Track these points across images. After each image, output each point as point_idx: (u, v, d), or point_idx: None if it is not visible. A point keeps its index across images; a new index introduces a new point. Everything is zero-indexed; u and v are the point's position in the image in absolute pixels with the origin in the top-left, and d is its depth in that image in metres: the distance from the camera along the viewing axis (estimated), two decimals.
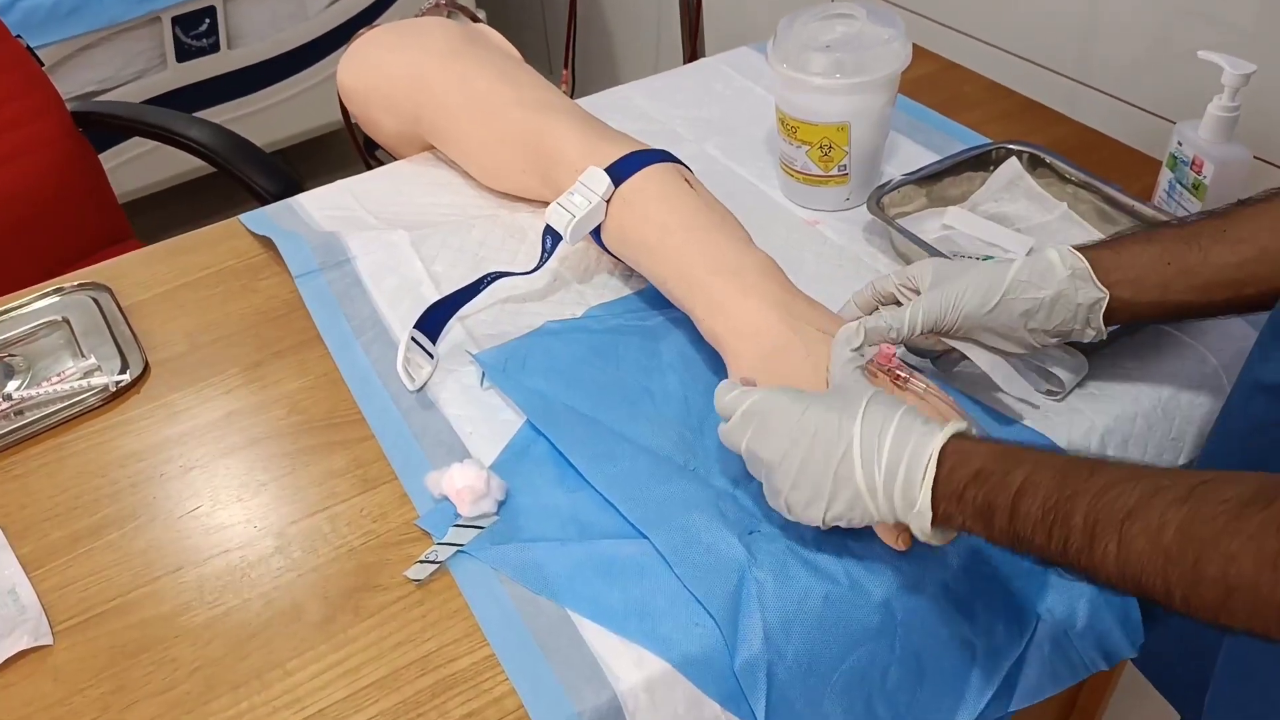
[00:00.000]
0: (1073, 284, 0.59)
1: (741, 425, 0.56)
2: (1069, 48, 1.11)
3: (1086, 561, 0.43)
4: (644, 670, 0.54)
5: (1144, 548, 0.40)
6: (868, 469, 0.51)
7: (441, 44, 0.91)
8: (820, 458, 0.52)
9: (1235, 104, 0.74)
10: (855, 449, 0.51)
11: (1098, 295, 0.60)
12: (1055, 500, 0.44)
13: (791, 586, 0.57)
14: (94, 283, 0.85)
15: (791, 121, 0.83)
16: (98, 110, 1.38)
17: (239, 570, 0.61)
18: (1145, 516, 0.41)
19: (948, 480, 0.48)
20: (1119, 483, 0.43)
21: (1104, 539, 0.42)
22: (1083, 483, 0.44)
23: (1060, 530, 0.43)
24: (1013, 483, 0.46)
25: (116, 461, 0.69)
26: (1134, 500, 0.41)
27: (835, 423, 0.52)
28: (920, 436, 0.50)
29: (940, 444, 0.49)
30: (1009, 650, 0.61)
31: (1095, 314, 0.60)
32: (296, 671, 0.56)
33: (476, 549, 0.60)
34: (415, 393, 0.71)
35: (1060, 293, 0.59)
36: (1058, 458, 0.47)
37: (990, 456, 0.48)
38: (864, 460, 0.51)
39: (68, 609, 0.60)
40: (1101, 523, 0.42)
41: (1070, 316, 0.60)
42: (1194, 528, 0.39)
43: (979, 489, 0.47)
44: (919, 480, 0.49)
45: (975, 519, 0.48)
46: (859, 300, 0.66)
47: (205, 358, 0.77)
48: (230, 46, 1.96)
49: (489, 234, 0.86)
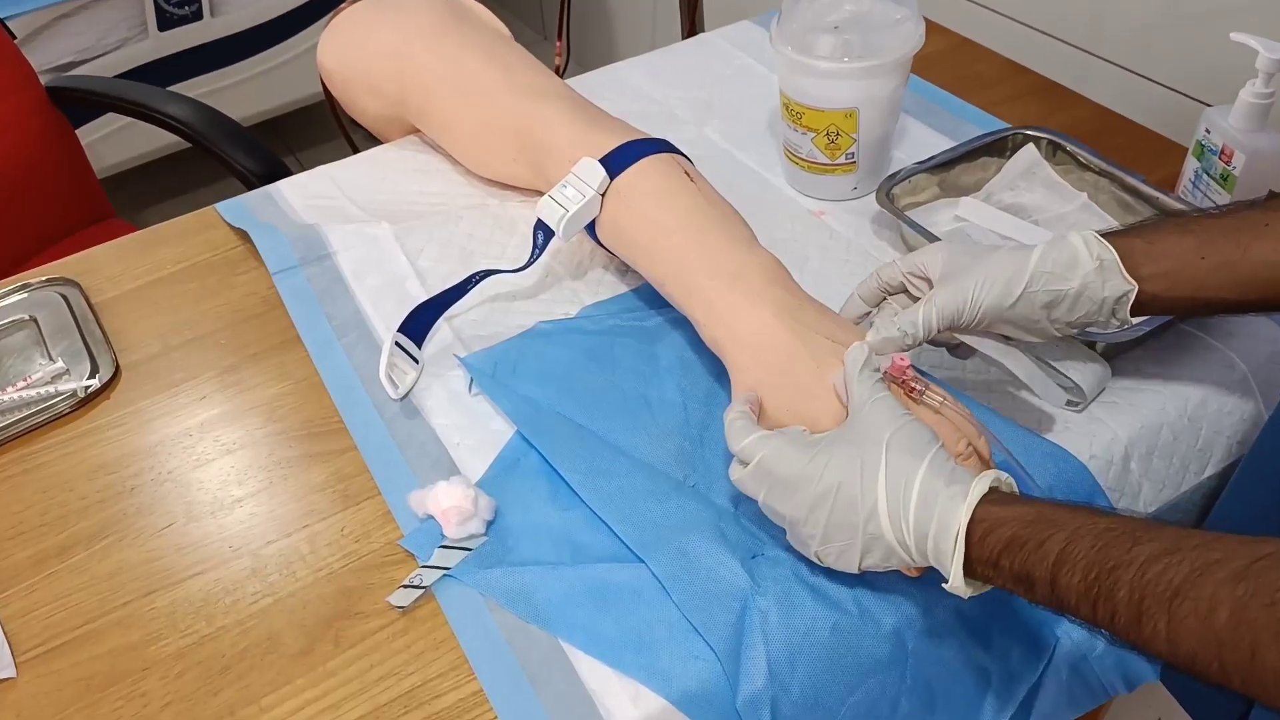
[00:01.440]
0: (1099, 276, 0.55)
1: (755, 480, 0.53)
2: (1086, 19, 1.06)
3: (1136, 637, 0.40)
4: (640, 708, 0.51)
5: (1195, 629, 0.37)
6: (897, 531, 0.48)
7: (426, 21, 0.86)
8: (847, 517, 0.49)
9: (1270, 90, 0.70)
10: (881, 510, 0.48)
11: (1125, 289, 0.55)
12: (1096, 574, 0.41)
13: (797, 616, 0.54)
14: (63, 278, 0.81)
15: (796, 107, 0.78)
16: (73, 85, 1.33)
17: (213, 595, 0.58)
18: (1195, 596, 0.37)
19: (980, 546, 0.45)
20: (1164, 555, 0.39)
21: (1152, 618, 0.38)
22: (1124, 554, 0.40)
23: (1105, 605, 0.40)
24: (1049, 552, 0.43)
25: (85, 474, 0.66)
26: (1181, 577, 0.38)
27: (857, 481, 0.49)
28: (947, 502, 0.46)
29: (968, 515, 0.46)
30: (1025, 675, 0.58)
31: (1122, 307, 0.56)
32: (273, 709, 0.53)
33: (463, 573, 0.57)
34: (399, 401, 0.67)
35: (1085, 285, 0.55)
36: (1096, 521, 0.43)
37: (1022, 523, 0.44)
38: (892, 523, 0.48)
39: (31, 638, 0.57)
40: (1148, 600, 0.39)
41: (1095, 309, 0.56)
42: (1249, 613, 0.36)
43: (1013, 558, 0.44)
44: (949, 552, 0.46)
45: (1015, 584, 0.45)
46: (864, 293, 0.62)
47: (178, 360, 0.74)
48: (214, 14, 1.90)
49: (478, 226, 0.82)
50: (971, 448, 0.55)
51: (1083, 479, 0.60)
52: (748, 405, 0.56)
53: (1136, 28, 1.02)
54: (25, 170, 1.25)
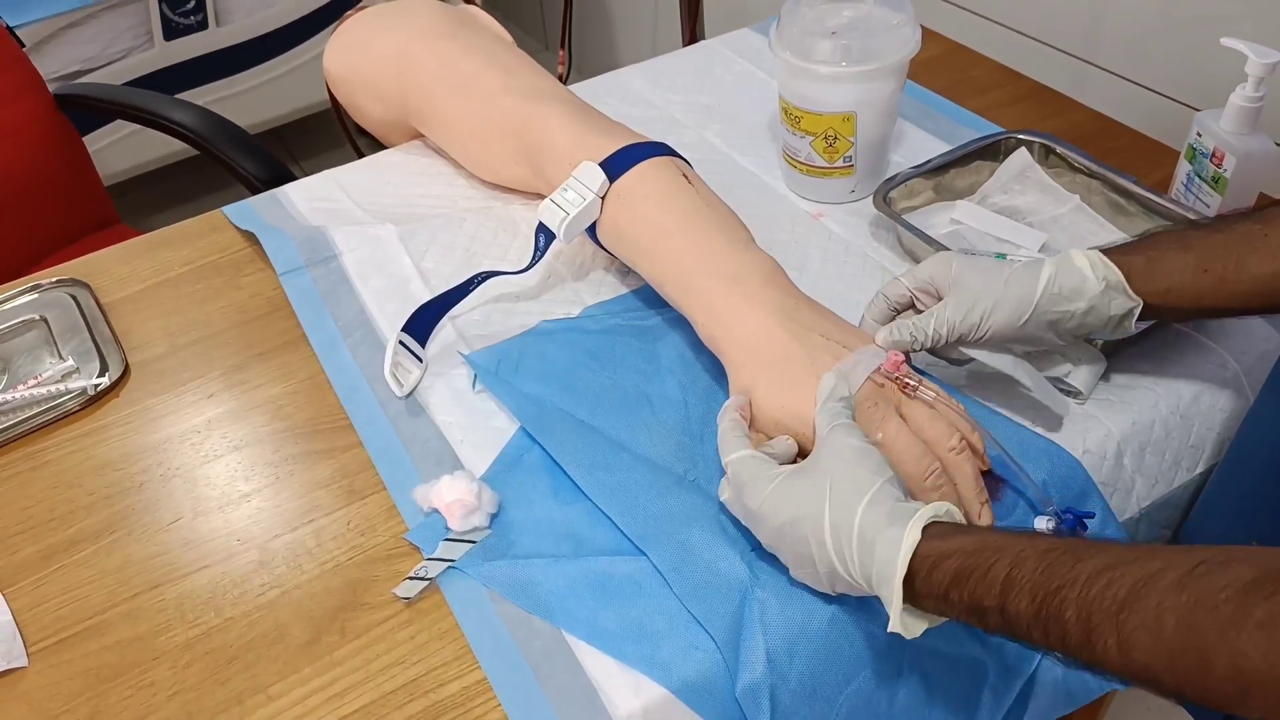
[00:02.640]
0: (1105, 297, 0.57)
1: (733, 506, 0.55)
2: (1080, 27, 1.08)
3: (1089, 656, 0.39)
4: (642, 698, 0.52)
5: (1145, 642, 0.37)
6: (845, 568, 0.49)
7: (428, 26, 0.88)
8: (804, 550, 0.50)
9: (1260, 94, 0.71)
10: (829, 549, 0.49)
11: (1131, 305, 0.57)
12: (1043, 595, 0.41)
13: (795, 607, 0.54)
14: (73, 279, 0.82)
15: (795, 111, 0.79)
16: (80, 92, 1.34)
17: (220, 588, 0.59)
18: (1141, 608, 0.37)
19: (927, 582, 0.45)
20: (1105, 570, 0.39)
21: (1101, 634, 0.38)
22: (1068, 571, 0.40)
23: (1055, 628, 0.40)
24: (995, 579, 0.43)
25: (93, 470, 0.67)
26: (1125, 590, 0.38)
27: (808, 518, 0.50)
28: (885, 546, 0.46)
29: (904, 564, 0.45)
30: (1021, 669, 0.59)
31: (1128, 320, 0.58)
32: (280, 697, 0.53)
33: (468, 565, 0.58)
34: (404, 398, 0.68)
35: (1092, 306, 0.57)
36: (1039, 543, 0.43)
37: (965, 554, 0.44)
38: (839, 561, 0.49)
39: (41, 629, 0.58)
40: (1095, 616, 0.39)
41: (1101, 325, 0.58)
42: (1195, 618, 0.36)
43: (962, 589, 0.44)
44: (891, 600, 0.46)
45: (967, 616, 0.45)
46: (874, 314, 0.63)
47: (186, 359, 0.75)
48: (219, 23, 1.92)
49: (480, 228, 0.83)
50: (965, 443, 0.56)
51: (1076, 474, 0.61)
52: (739, 412, 0.57)
53: (1129, 35, 1.03)
54: (33, 176, 1.26)
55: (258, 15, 1.95)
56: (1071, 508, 0.57)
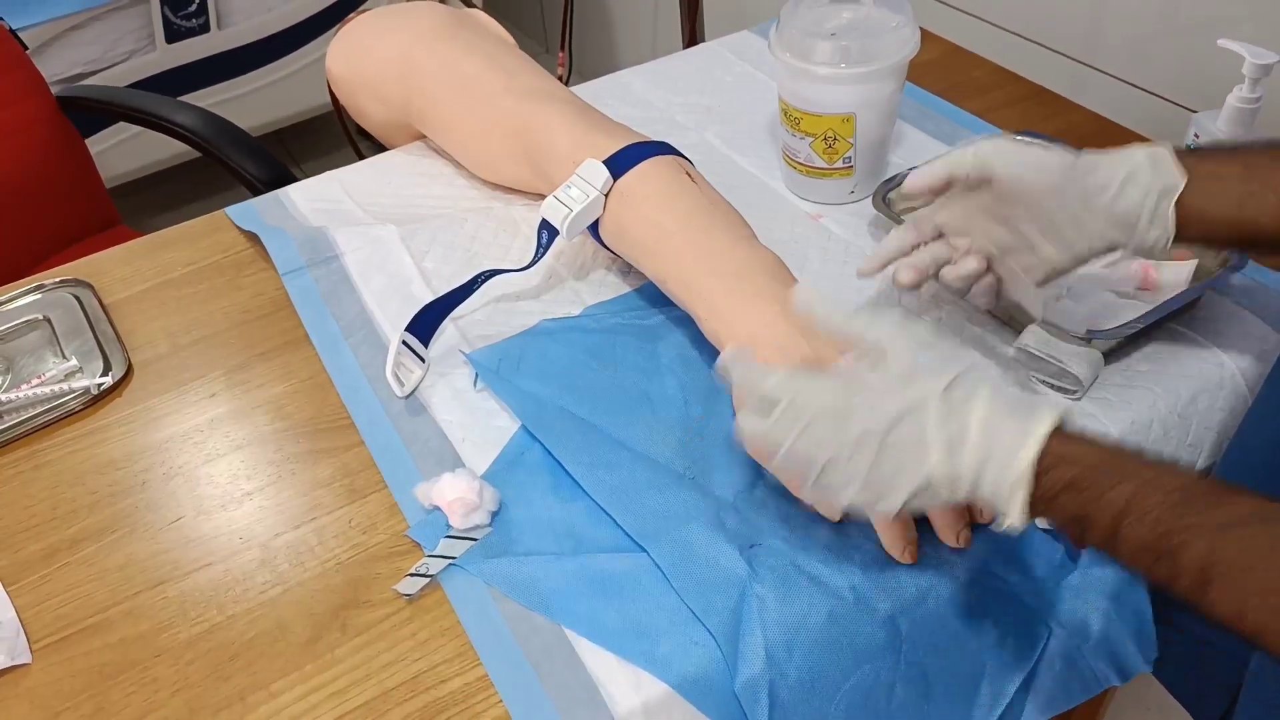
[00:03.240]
0: (1149, 163, 0.54)
1: (788, 423, 0.49)
2: (1078, 30, 1.08)
3: (1195, 600, 0.39)
4: (642, 693, 0.52)
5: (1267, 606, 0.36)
6: (951, 466, 0.46)
7: (430, 28, 0.88)
8: (893, 457, 0.47)
9: (1257, 95, 0.71)
10: (933, 452, 0.46)
11: (1174, 181, 0.54)
12: (1165, 530, 0.40)
13: (794, 603, 0.55)
14: (76, 279, 0.83)
15: (795, 113, 0.80)
16: (82, 94, 1.35)
17: (222, 586, 0.59)
18: (1270, 575, 0.37)
19: (1039, 483, 0.44)
20: (1240, 525, 0.38)
21: (1219, 587, 0.38)
22: (1199, 516, 0.39)
23: (1167, 565, 0.39)
24: (1114, 501, 0.41)
25: (96, 469, 0.67)
26: (1258, 553, 0.37)
27: (909, 414, 0.46)
28: (1011, 436, 0.44)
29: (1034, 455, 0.44)
30: (1019, 665, 0.59)
31: (1165, 204, 0.54)
32: (282, 693, 0.54)
33: (469, 562, 0.58)
34: (405, 398, 0.69)
35: (1134, 170, 0.54)
36: (1170, 477, 0.42)
37: (1088, 466, 0.43)
38: (948, 457, 0.45)
39: (43, 627, 0.58)
40: (1218, 568, 0.38)
41: (1138, 203, 0.54)
42: None
43: (1074, 499, 0.42)
44: (1007, 490, 0.44)
45: (1067, 523, 0.43)
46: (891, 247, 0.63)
47: (188, 359, 0.75)
48: (220, 26, 1.92)
49: (481, 228, 0.83)
50: None
51: None
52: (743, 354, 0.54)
53: (1128, 38, 1.03)
54: (35, 178, 1.27)
55: (259, 18, 1.96)
56: None
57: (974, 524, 0.58)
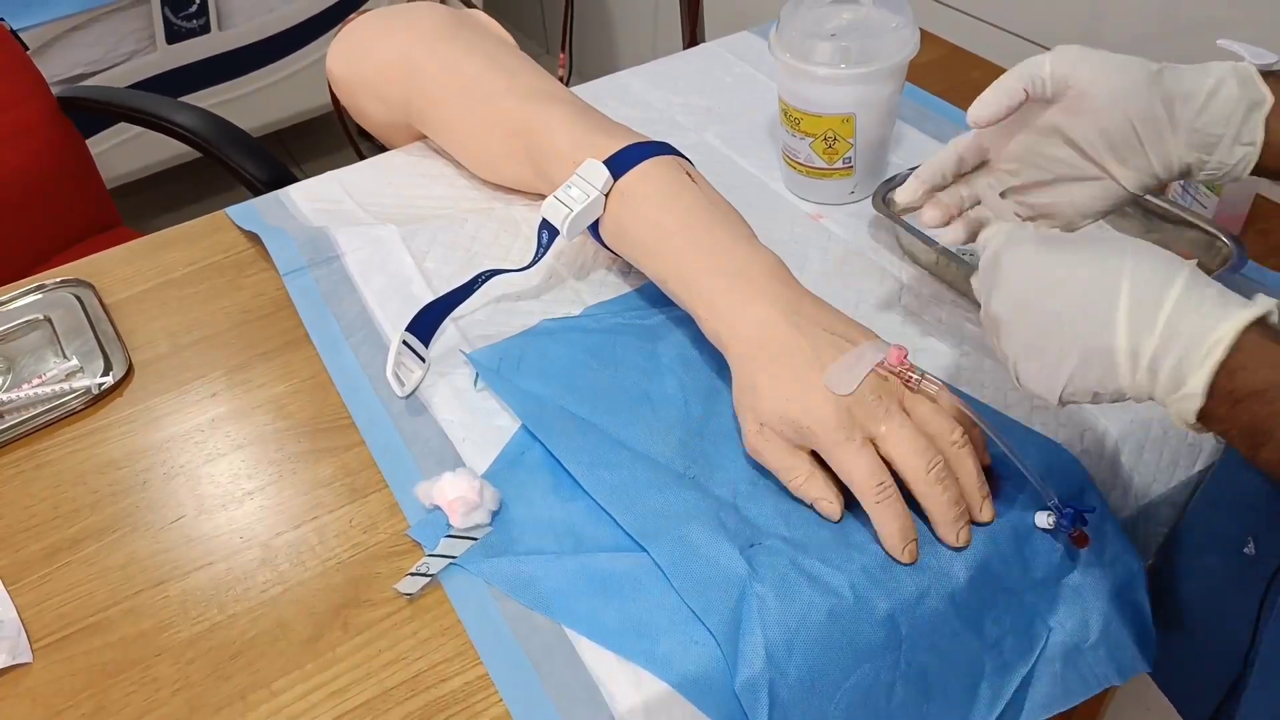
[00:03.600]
0: (1236, 78, 0.52)
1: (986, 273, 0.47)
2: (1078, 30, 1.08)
3: None
4: (642, 692, 0.52)
5: None
6: (1135, 333, 0.42)
7: (430, 29, 0.88)
8: (1072, 320, 0.44)
9: None
10: (1121, 308, 0.43)
11: (1262, 97, 0.52)
12: None
13: (794, 602, 0.55)
14: (76, 279, 0.83)
15: (794, 113, 0.80)
16: (83, 95, 1.35)
17: (223, 585, 0.59)
18: None
19: (1227, 378, 0.40)
20: None
21: None
22: None
23: None
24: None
25: (96, 469, 0.67)
26: None
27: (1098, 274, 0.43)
28: (1215, 308, 0.41)
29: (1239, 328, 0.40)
30: (1018, 665, 0.59)
31: (1252, 121, 0.52)
32: (282, 692, 0.54)
33: (469, 562, 0.58)
34: (405, 398, 0.69)
35: (1222, 81, 0.52)
36: None
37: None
38: (1133, 323, 0.42)
39: (44, 626, 0.58)
40: None
41: (1224, 116, 0.52)
42: None
43: (1261, 406, 0.39)
44: (1199, 360, 0.40)
45: (1244, 433, 0.40)
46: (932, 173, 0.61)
47: (189, 359, 0.75)
48: (221, 27, 1.93)
49: (482, 229, 0.83)
50: (967, 437, 0.57)
51: (1074, 472, 0.61)
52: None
53: (1127, 39, 1.04)
54: (36, 178, 1.27)
55: (259, 19, 1.96)
56: (1072, 503, 0.58)
57: (974, 524, 0.58)
